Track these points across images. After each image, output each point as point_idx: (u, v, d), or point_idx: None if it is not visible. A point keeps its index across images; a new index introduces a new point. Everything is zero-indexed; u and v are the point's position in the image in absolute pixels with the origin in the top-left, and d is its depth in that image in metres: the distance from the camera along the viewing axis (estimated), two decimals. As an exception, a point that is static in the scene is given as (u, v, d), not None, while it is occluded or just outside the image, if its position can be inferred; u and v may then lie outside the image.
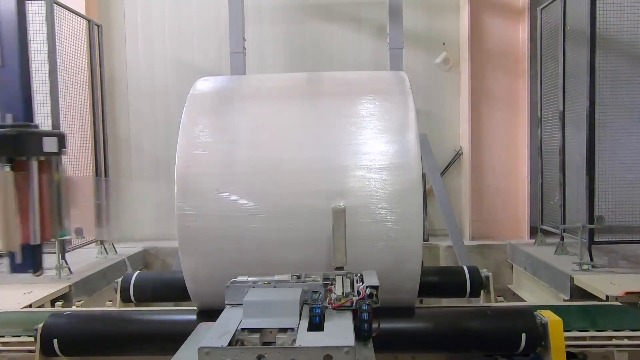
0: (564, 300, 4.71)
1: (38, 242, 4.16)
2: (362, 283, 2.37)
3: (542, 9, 6.37)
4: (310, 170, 2.96)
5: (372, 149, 2.99)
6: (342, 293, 2.32)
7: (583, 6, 5.20)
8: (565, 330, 2.85)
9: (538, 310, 2.97)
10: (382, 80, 3.61)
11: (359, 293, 2.29)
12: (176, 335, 2.33)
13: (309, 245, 2.91)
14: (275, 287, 2.38)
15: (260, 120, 3.23)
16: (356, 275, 2.51)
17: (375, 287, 2.30)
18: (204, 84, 3.46)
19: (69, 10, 5.82)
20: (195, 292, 3.13)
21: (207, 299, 3.11)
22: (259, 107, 3.37)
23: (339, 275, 2.56)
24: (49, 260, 5.20)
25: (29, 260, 4.93)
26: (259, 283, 2.41)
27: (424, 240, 6.45)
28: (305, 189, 2.92)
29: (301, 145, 3.07)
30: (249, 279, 2.47)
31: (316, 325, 2.05)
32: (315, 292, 2.33)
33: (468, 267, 4.07)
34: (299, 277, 2.49)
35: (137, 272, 4.18)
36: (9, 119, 4.48)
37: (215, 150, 3.06)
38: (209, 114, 3.22)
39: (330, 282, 2.46)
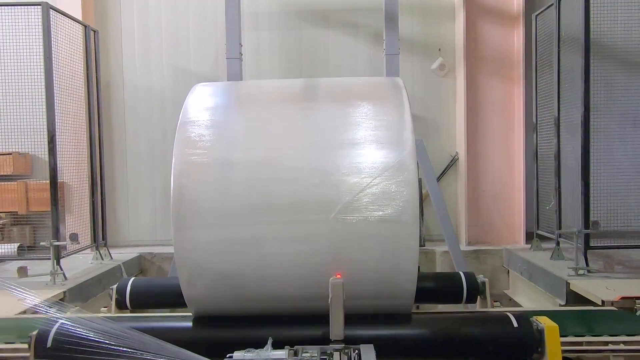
0: (560, 306, 4.71)
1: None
2: (360, 359, 2.35)
3: (536, 16, 6.42)
4: (307, 175, 2.97)
5: (368, 155, 2.99)
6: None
7: (577, 13, 5.23)
8: (561, 336, 2.84)
9: (534, 316, 2.97)
10: (379, 86, 3.62)
11: None
12: (172, 342, 2.31)
13: (306, 250, 2.91)
14: None
15: (257, 126, 3.23)
16: (354, 352, 2.49)
17: None
18: (201, 90, 3.46)
19: (65, 15, 5.82)
20: (191, 299, 3.12)
21: (203, 305, 3.10)
22: (256, 112, 3.37)
23: (337, 350, 2.52)
24: (44, 266, 5.16)
25: None
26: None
27: (420, 245, 6.44)
28: (303, 195, 2.92)
29: (298, 150, 3.07)
30: (245, 356, 2.42)
31: None
32: None
33: (464, 273, 4.07)
34: (295, 353, 2.46)
35: (133, 278, 4.16)
36: None
37: (212, 156, 3.06)
38: (205, 120, 3.21)
39: (327, 358, 2.45)
